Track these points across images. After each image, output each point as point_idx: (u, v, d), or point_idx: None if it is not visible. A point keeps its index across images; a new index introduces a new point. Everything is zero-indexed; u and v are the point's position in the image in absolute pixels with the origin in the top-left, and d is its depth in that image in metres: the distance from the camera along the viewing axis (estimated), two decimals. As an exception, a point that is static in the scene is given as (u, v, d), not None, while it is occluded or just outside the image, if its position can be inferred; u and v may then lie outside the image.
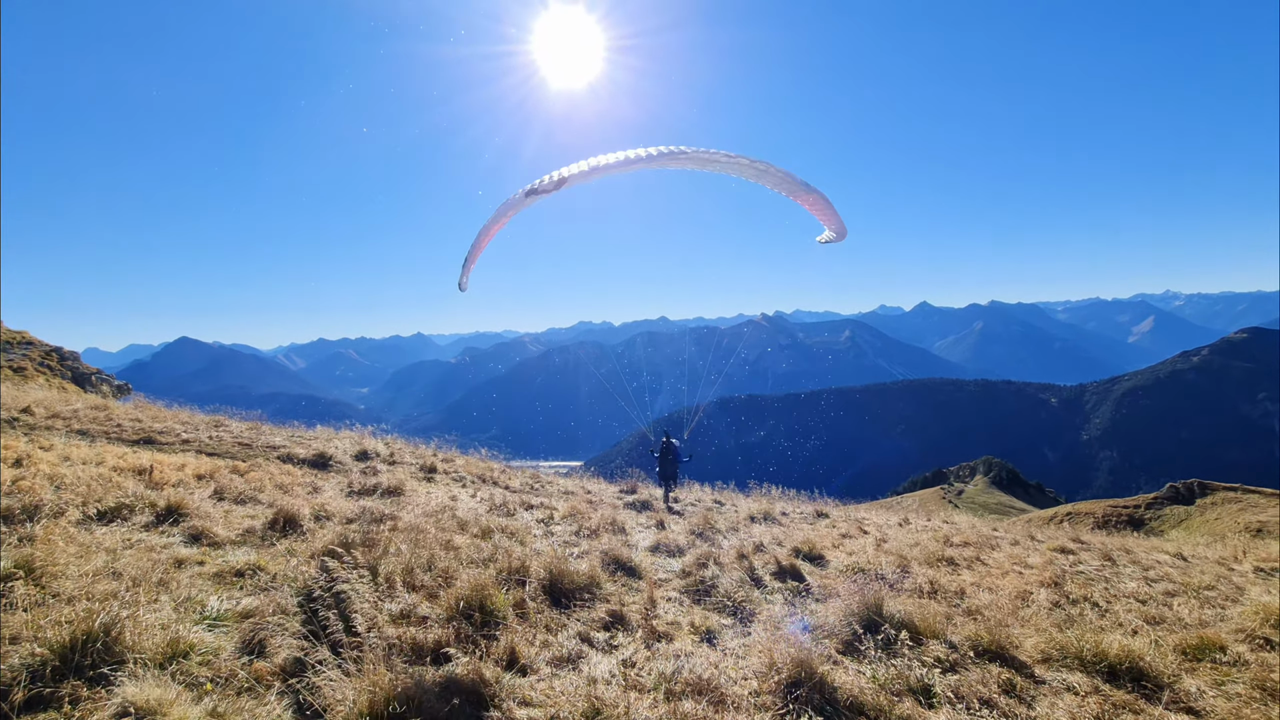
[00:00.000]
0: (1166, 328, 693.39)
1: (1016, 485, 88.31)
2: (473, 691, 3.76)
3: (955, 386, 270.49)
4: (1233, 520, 36.79)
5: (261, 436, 13.41)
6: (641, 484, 13.67)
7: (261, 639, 4.02)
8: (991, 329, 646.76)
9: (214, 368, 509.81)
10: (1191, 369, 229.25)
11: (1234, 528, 33.67)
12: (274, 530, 6.56)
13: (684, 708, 3.86)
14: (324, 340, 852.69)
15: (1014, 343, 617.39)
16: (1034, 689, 4.85)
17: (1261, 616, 6.69)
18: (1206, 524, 37.90)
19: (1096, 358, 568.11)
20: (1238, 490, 42.49)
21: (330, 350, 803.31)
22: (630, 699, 3.85)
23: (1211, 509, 40.84)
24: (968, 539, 10.65)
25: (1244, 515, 37.33)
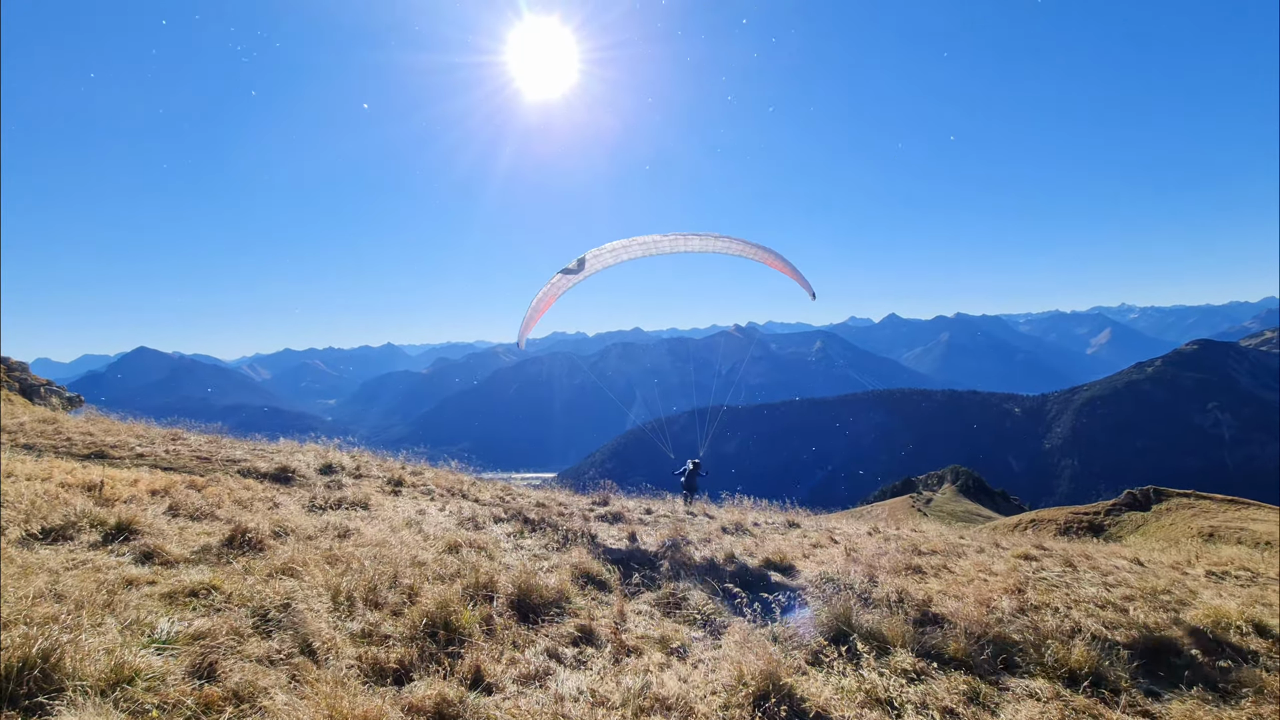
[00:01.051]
0: (1122, 340, 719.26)
1: (983, 493, 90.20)
2: (435, 712, 3.66)
3: (923, 396, 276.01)
4: (1186, 525, 38.10)
5: (221, 450, 12.99)
6: (614, 495, 13.59)
7: (213, 662, 3.86)
8: (958, 340, 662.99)
9: (173, 379, 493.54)
10: (1146, 379, 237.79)
11: (1187, 533, 34.89)
12: (231, 548, 6.33)
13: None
14: (290, 350, 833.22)
15: (979, 354, 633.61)
16: (998, 696, 4.91)
17: (1213, 620, 6.91)
18: (1162, 529, 39.17)
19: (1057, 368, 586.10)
20: (1191, 496, 44.05)
21: (296, 361, 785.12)
22: (598, 716, 3.79)
23: (1167, 515, 42.22)
24: (935, 547, 10.81)
25: (1197, 521, 38.69)
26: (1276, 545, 26.59)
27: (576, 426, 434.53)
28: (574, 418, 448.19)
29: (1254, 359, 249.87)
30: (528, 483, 16.83)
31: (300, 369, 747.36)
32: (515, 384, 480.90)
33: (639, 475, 20.27)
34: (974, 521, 59.53)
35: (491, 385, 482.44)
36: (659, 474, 18.95)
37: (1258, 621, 6.85)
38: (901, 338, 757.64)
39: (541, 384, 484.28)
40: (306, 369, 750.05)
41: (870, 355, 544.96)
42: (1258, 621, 6.85)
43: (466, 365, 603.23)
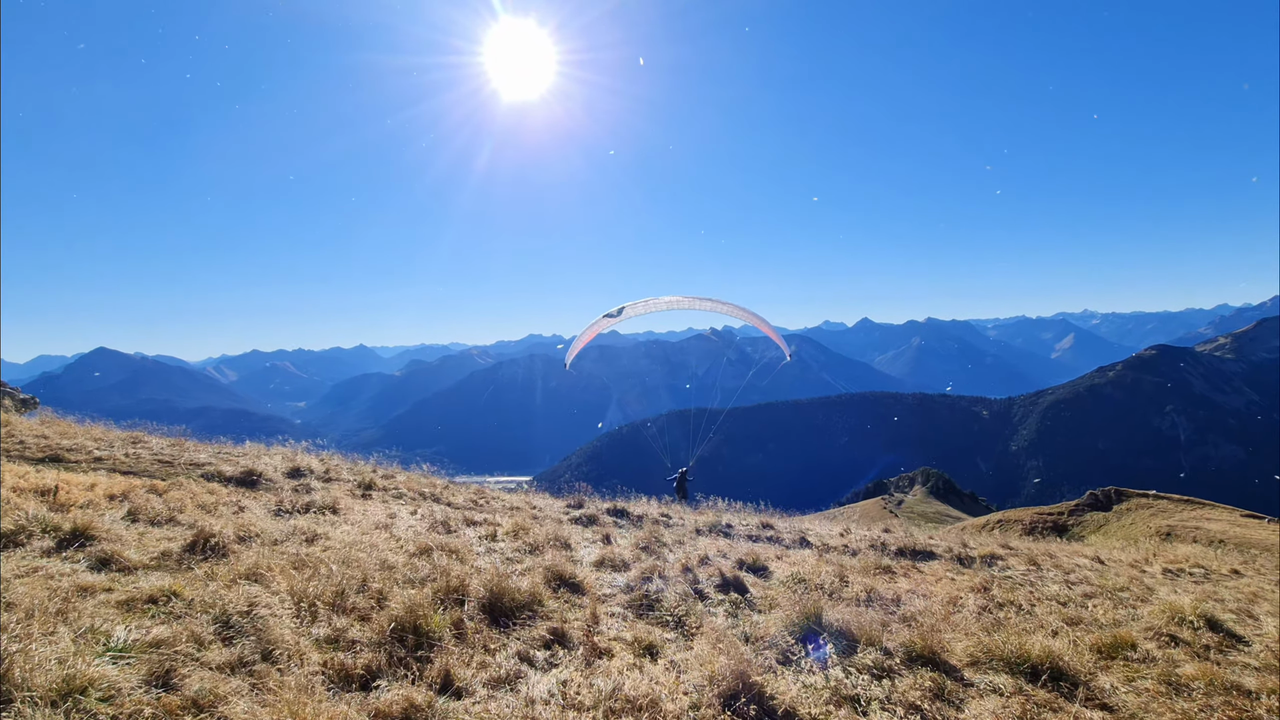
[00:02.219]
0: (1085, 345, 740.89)
1: (952, 494, 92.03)
2: (403, 718, 3.61)
3: (895, 400, 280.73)
4: (1145, 525, 39.36)
5: (185, 453, 12.64)
6: (589, 498, 13.56)
7: (171, 671, 3.75)
8: (928, 345, 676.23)
9: (135, 380, 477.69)
10: (1107, 383, 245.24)
11: (1146, 532, 36.04)
12: (193, 553, 6.16)
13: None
14: (258, 352, 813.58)
15: (949, 358, 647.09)
16: (963, 692, 5.02)
17: (1168, 615, 7.16)
18: (1122, 529, 40.40)
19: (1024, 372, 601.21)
20: (1149, 497, 45.53)
21: (265, 362, 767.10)
22: (568, 718, 3.77)
23: (1127, 514, 43.57)
24: (905, 547, 11.00)
25: (1155, 520, 40.00)
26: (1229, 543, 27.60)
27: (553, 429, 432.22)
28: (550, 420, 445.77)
29: (1208, 364, 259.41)
30: (503, 486, 16.69)
31: (269, 371, 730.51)
32: (490, 387, 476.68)
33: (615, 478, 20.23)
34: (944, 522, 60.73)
35: (466, 388, 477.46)
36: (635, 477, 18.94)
37: (1210, 616, 7.11)
38: (874, 342, 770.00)
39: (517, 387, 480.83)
40: (275, 371, 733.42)
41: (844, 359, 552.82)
42: (1210, 616, 7.11)
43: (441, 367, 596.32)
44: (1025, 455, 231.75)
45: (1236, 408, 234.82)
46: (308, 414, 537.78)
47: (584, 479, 15.68)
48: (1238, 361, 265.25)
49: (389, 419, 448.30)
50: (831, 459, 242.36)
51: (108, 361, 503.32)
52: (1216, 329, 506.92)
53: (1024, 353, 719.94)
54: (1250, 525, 35.63)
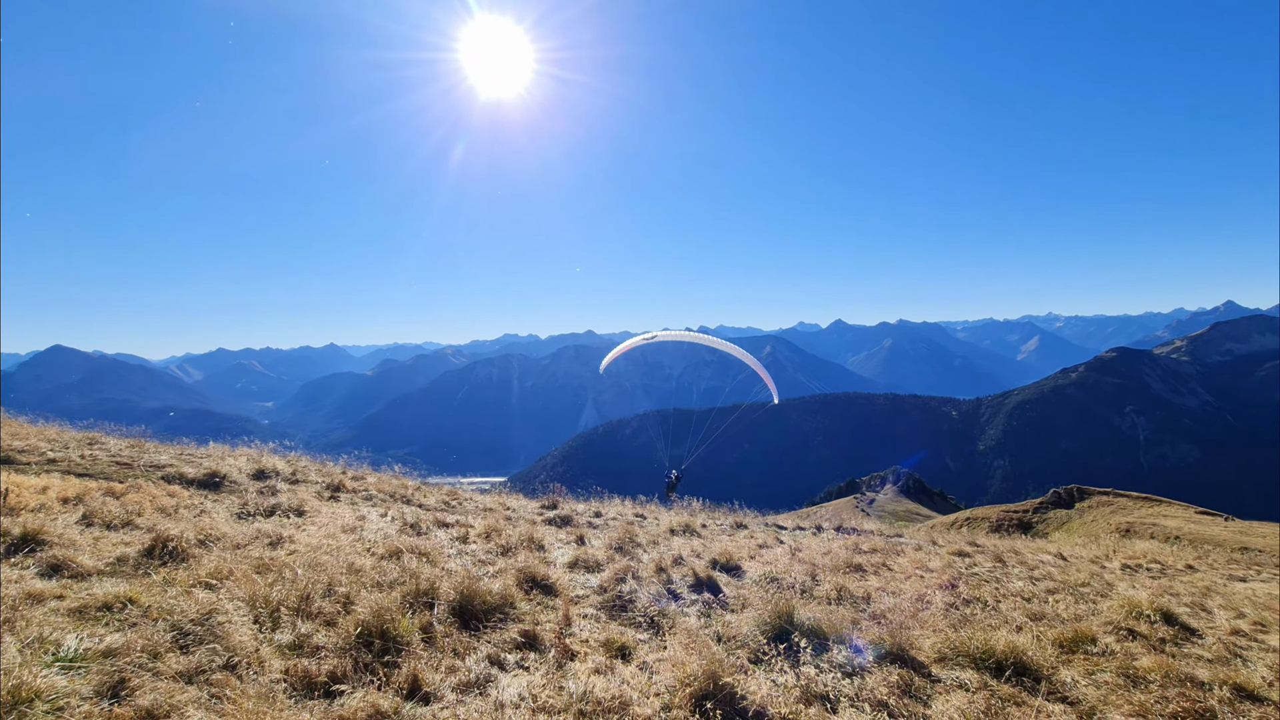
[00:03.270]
0: (1050, 347, 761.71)
1: (922, 493, 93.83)
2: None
3: (867, 400, 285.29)
4: (1105, 522, 40.58)
5: (144, 455, 12.23)
6: (563, 499, 13.48)
7: (125, 680, 3.61)
8: (900, 346, 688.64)
9: (93, 379, 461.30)
10: (1070, 384, 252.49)
11: (1106, 529, 37.16)
12: (151, 558, 5.95)
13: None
14: (224, 350, 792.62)
15: (919, 359, 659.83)
16: (930, 688, 5.10)
17: (1126, 610, 7.37)
18: (1084, 526, 41.61)
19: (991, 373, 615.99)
20: (1110, 495, 46.97)
21: (231, 361, 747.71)
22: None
23: (1089, 512, 44.89)
24: (875, 546, 11.16)
25: (1115, 517, 41.28)
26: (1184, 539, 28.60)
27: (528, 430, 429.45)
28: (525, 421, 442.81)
29: (1165, 366, 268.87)
30: (476, 487, 16.52)
31: (235, 370, 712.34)
32: (465, 387, 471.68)
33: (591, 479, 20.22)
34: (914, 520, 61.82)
35: (440, 388, 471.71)
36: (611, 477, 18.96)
37: (1166, 611, 7.35)
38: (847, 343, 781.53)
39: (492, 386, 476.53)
40: (242, 370, 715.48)
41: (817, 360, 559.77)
42: (1166, 611, 7.35)
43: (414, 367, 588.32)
44: (992, 454, 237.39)
45: (1192, 408, 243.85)
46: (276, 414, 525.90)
47: (559, 479, 15.61)
48: (1193, 364, 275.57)
49: (360, 419, 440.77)
50: (805, 459, 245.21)
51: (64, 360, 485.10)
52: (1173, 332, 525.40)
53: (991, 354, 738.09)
54: (1204, 522, 36.99)
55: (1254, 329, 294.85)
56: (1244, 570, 12.30)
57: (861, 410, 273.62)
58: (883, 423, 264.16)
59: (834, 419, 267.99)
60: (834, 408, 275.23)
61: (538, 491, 14.73)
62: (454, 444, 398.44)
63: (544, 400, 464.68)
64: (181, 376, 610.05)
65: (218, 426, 28.07)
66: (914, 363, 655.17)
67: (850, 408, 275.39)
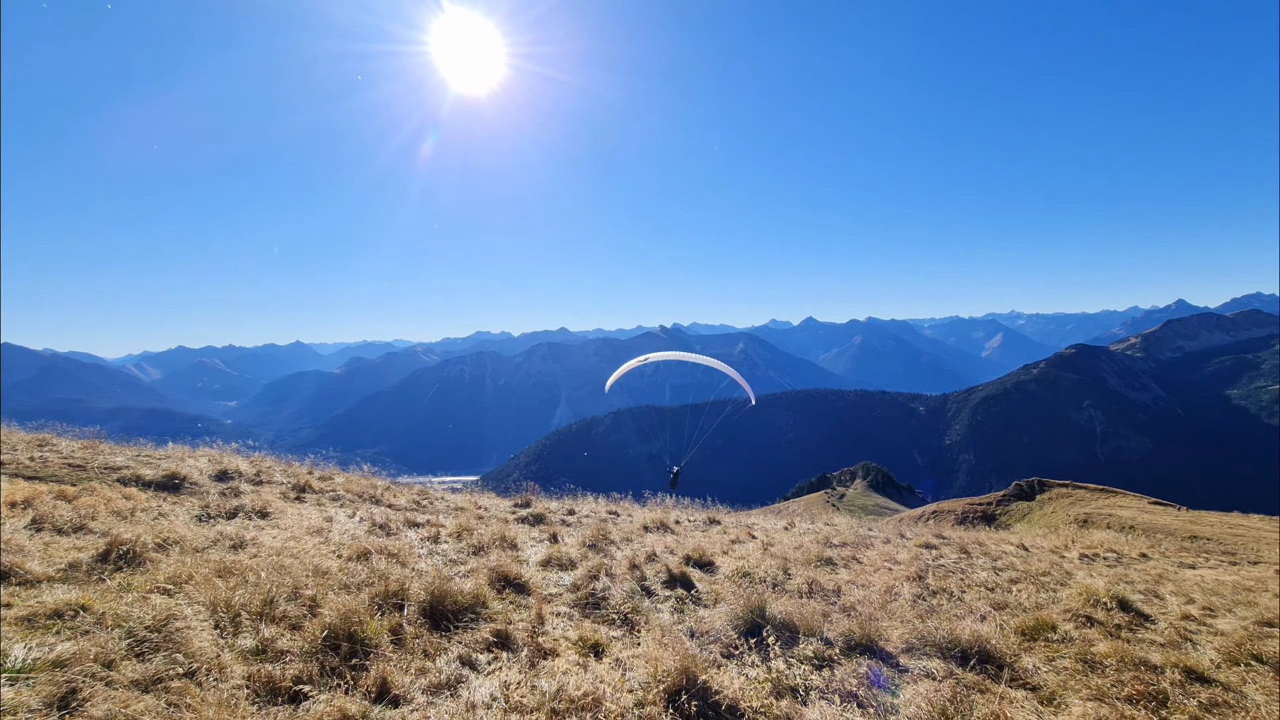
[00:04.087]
0: (1012, 344, 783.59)
1: (890, 487, 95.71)
2: (336, 729, 3.45)
3: (837, 397, 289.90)
4: (1064, 513, 41.91)
5: (99, 456, 11.78)
6: (536, 498, 13.40)
7: (76, 690, 3.47)
8: (869, 343, 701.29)
9: (43, 379, 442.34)
10: (1032, 380, 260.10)
11: (1065, 519, 38.38)
12: (106, 563, 5.73)
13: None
14: (184, 348, 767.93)
15: (888, 356, 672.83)
16: (898, 677, 5.20)
17: (1084, 597, 7.62)
18: (1044, 517, 42.92)
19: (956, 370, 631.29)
20: (1069, 486, 48.52)
21: (191, 359, 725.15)
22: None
23: (1049, 503, 46.31)
24: (846, 539, 11.34)
25: (1073, 508, 42.65)
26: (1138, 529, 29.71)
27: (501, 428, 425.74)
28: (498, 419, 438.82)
29: (1120, 362, 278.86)
30: (448, 487, 16.30)
31: (196, 368, 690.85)
32: (436, 385, 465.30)
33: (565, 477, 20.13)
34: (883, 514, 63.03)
35: (410, 386, 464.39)
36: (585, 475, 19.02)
37: (1121, 598, 7.62)
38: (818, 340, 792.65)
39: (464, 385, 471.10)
40: (203, 368, 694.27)
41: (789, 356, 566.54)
42: (1121, 598, 7.62)
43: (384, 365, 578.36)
44: (958, 449, 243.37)
45: (1145, 403, 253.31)
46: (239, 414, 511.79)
47: (533, 478, 15.51)
48: (1146, 360, 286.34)
49: (328, 418, 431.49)
50: (777, 454, 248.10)
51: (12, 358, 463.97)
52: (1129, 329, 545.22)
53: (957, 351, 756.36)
54: (1157, 512, 38.46)
55: (1203, 327, 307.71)
56: (1193, 558, 12.82)
57: (832, 406, 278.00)
58: (853, 419, 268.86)
59: (806, 415, 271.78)
60: (806, 404, 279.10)
61: (511, 490, 14.61)
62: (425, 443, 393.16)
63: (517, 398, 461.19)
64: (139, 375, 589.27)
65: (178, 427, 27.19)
66: (883, 359, 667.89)
67: (821, 404, 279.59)
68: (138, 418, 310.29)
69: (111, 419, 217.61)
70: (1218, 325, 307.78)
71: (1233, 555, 14.10)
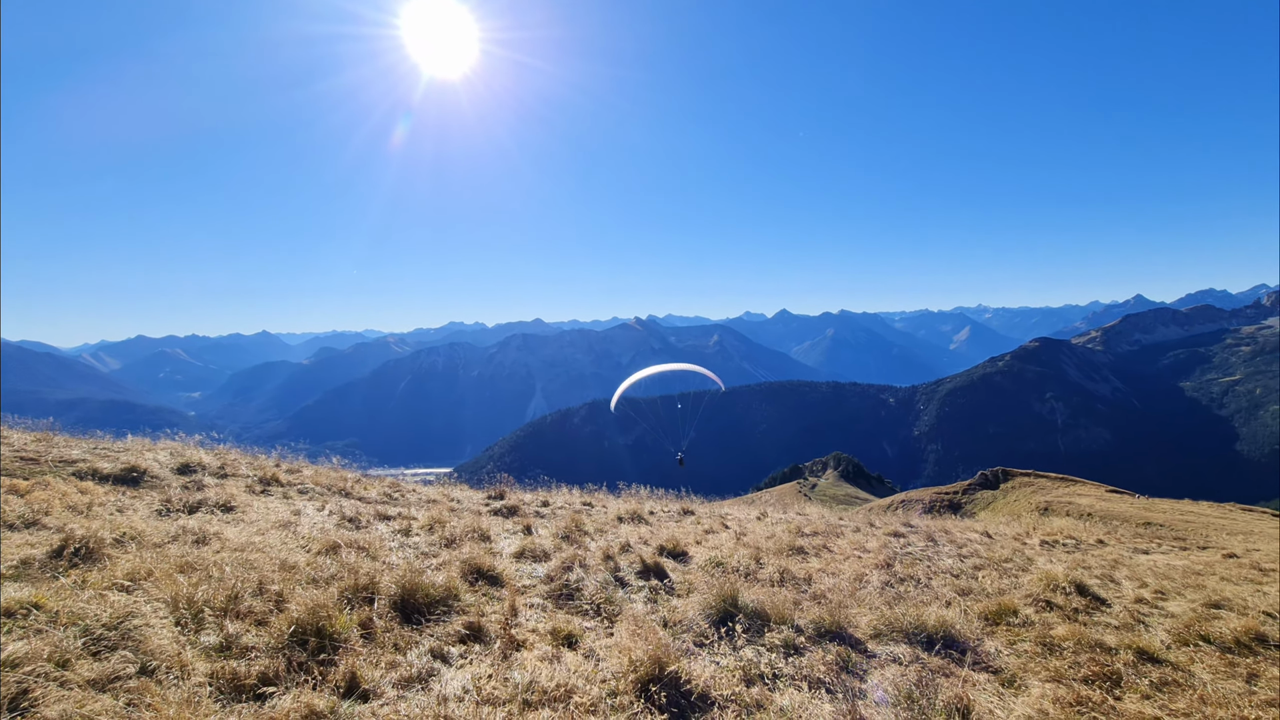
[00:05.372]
0: (979, 337, 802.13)
1: (861, 477, 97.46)
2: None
3: (810, 388, 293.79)
4: (1027, 501, 43.18)
5: (53, 449, 11.35)
6: (510, 489, 13.32)
7: (28, 691, 3.35)
8: (841, 335, 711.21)
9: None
10: (997, 372, 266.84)
11: (1028, 507, 39.56)
12: (61, 559, 5.54)
13: (540, 717, 3.77)
14: (144, 338, 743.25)
15: (859, 348, 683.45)
16: (866, 663, 5.32)
17: (1044, 583, 7.88)
18: (1008, 505, 44.17)
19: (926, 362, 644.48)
20: (1031, 476, 49.99)
21: (152, 349, 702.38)
22: (483, 714, 3.68)
23: (1012, 492, 47.66)
24: (817, 529, 11.52)
25: (1035, 496, 43.96)
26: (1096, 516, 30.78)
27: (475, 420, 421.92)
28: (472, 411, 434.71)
29: (1081, 355, 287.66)
30: (421, 479, 16.11)
31: (157, 358, 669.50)
32: (408, 376, 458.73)
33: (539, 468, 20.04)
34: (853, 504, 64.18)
35: (382, 377, 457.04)
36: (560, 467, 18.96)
37: (1079, 583, 7.89)
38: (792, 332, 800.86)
39: (437, 376, 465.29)
40: (165, 358, 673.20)
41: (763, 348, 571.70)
42: (1079, 583, 7.89)
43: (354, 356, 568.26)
44: (926, 439, 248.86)
45: (1104, 394, 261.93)
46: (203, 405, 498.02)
47: (507, 469, 15.41)
48: (1106, 353, 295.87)
49: (296, 410, 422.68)
50: (751, 445, 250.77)
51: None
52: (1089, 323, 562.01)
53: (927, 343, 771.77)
54: (1114, 499, 39.88)
55: (1159, 321, 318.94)
56: (1147, 544, 13.33)
57: (805, 398, 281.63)
58: (825, 410, 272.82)
59: (779, 406, 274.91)
60: (779, 395, 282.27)
61: (484, 482, 14.50)
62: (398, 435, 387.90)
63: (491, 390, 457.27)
64: (96, 365, 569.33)
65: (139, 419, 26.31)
66: (855, 351, 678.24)
67: (794, 396, 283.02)
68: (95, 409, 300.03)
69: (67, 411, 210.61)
70: (1173, 320, 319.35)
71: (1183, 541, 14.71)
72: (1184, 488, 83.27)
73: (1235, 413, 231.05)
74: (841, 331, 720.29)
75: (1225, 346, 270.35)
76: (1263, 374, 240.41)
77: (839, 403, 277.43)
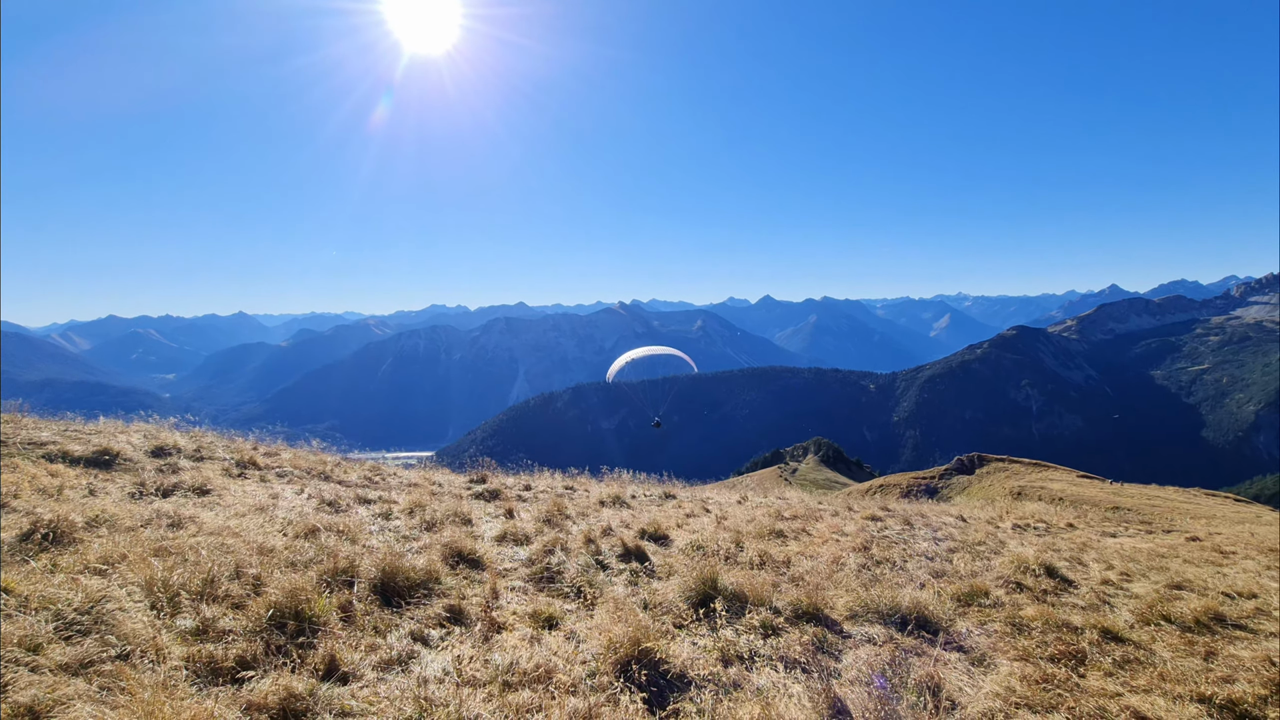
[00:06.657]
0: (959, 324, 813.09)
1: (841, 462, 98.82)
2: (280, 709, 3.39)
3: (792, 374, 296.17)
4: (1001, 486, 44.13)
5: (22, 431, 11.08)
6: (492, 473, 13.30)
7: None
8: (824, 322, 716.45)
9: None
10: (975, 360, 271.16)
11: (1001, 492, 40.44)
12: (30, 543, 5.44)
13: (520, 698, 3.80)
14: (116, 318, 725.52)
15: (841, 335, 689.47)
16: (841, 643, 5.43)
17: (1015, 565, 8.08)
18: (983, 490, 45.11)
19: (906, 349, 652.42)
20: (1005, 461, 51.06)
21: (125, 329, 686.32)
22: (463, 695, 3.71)
23: (987, 477, 48.67)
24: (796, 513, 11.67)
25: (1009, 481, 44.95)
26: (1066, 500, 31.56)
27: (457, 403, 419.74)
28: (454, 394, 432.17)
29: (1056, 343, 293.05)
30: (402, 462, 16.01)
31: (129, 339, 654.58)
32: (389, 359, 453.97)
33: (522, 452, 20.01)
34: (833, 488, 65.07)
35: (362, 360, 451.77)
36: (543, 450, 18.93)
37: (1049, 565, 8.11)
38: (775, 318, 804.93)
39: (418, 359, 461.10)
40: (137, 339, 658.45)
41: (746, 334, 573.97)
42: (1049, 565, 8.11)
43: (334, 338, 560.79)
44: (905, 425, 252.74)
45: (1078, 382, 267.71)
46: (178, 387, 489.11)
47: (489, 453, 15.36)
48: (1081, 341, 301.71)
49: (274, 392, 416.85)
50: (733, 430, 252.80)
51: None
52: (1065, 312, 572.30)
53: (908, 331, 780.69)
54: (1084, 485, 40.92)
55: (1132, 311, 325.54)
56: (1115, 527, 13.72)
57: (787, 384, 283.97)
58: (807, 396, 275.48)
59: (761, 392, 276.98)
60: (761, 381, 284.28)
61: (466, 466, 14.46)
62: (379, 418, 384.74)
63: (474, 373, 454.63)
64: (65, 346, 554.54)
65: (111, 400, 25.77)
66: (837, 338, 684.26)
67: (777, 381, 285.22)
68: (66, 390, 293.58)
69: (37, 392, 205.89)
70: (1146, 309, 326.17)
71: (1149, 524, 15.16)
72: (1152, 473, 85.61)
73: (1202, 400, 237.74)
74: (824, 318, 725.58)
75: (1195, 336, 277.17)
76: (1229, 363, 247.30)
77: (821, 388, 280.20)
